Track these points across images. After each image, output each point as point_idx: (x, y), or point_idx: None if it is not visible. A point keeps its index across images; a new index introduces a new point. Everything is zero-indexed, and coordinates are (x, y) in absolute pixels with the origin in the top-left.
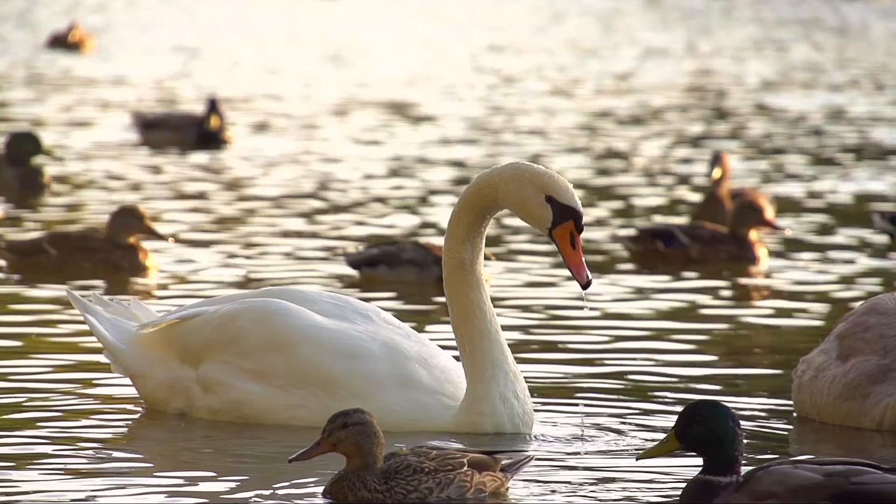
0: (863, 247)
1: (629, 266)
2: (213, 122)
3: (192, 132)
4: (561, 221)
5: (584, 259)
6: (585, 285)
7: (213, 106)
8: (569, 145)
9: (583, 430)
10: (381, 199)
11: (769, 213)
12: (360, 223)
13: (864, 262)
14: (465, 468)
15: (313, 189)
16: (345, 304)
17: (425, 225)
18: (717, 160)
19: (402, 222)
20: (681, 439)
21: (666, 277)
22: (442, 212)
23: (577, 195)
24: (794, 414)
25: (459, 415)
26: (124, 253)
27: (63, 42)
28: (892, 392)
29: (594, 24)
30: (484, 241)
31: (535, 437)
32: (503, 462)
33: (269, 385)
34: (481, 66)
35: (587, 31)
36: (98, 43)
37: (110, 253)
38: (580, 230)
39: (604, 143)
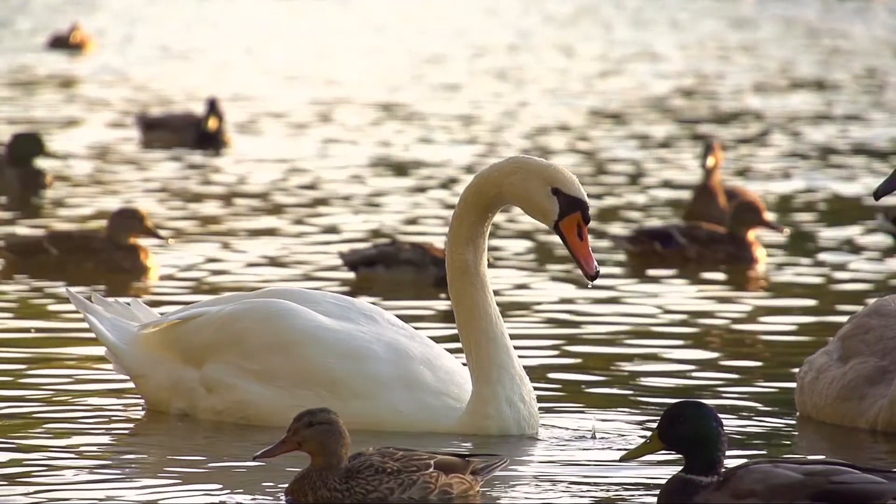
0: (864, 247)
1: (627, 267)
2: (212, 123)
3: (192, 133)
4: (568, 213)
5: (591, 250)
6: (594, 277)
7: (212, 107)
8: (561, 145)
9: (594, 433)
10: (378, 199)
11: (767, 213)
12: (358, 223)
13: (864, 262)
14: (431, 469)
15: (310, 189)
16: (348, 305)
17: (423, 225)
18: (709, 149)
19: (399, 222)
20: (664, 440)
21: (664, 278)
22: (439, 212)
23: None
24: (797, 414)
25: (465, 417)
26: (125, 253)
27: (64, 43)
28: (887, 394)
29: (587, 24)
30: (487, 241)
31: (535, 438)
32: (475, 465)
33: (273, 386)
34: (473, 66)
35: (580, 32)
36: (99, 44)
37: (111, 253)
38: (587, 221)
39: (595, 143)
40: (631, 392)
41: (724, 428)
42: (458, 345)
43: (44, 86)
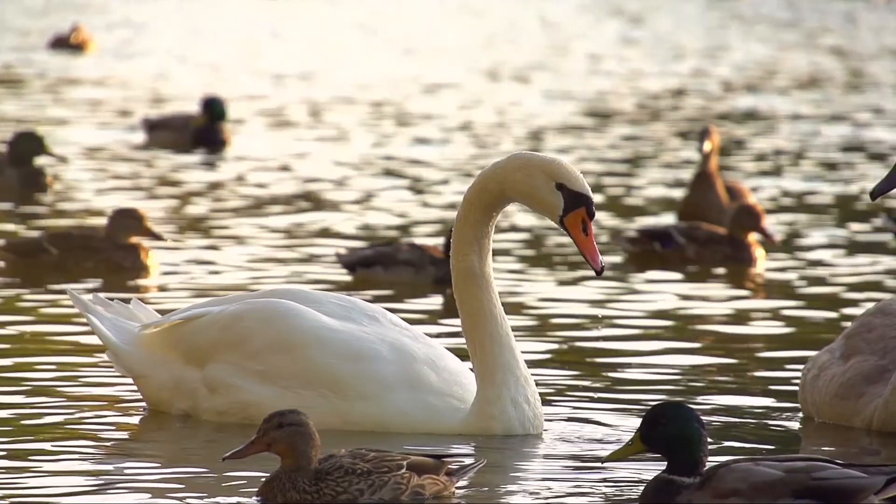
0: (863, 247)
1: (628, 267)
2: (196, 121)
3: (191, 132)
4: (573, 208)
5: (597, 245)
6: (600, 272)
7: (207, 106)
8: (555, 143)
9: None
10: (374, 200)
11: (765, 219)
12: (354, 223)
13: (864, 262)
14: (403, 470)
15: (309, 189)
16: (351, 306)
17: (419, 225)
18: (705, 134)
19: (396, 222)
20: (646, 441)
21: (663, 278)
22: (437, 212)
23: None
24: (801, 413)
25: (470, 417)
26: (126, 252)
27: (65, 43)
28: (883, 393)
29: (579, 22)
30: (491, 241)
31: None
32: (451, 466)
33: (276, 386)
34: (466, 66)
35: (572, 30)
36: (100, 44)
37: (112, 252)
38: (592, 216)
39: (589, 141)
40: (632, 392)
41: (706, 428)
42: (458, 343)
43: (44, 86)
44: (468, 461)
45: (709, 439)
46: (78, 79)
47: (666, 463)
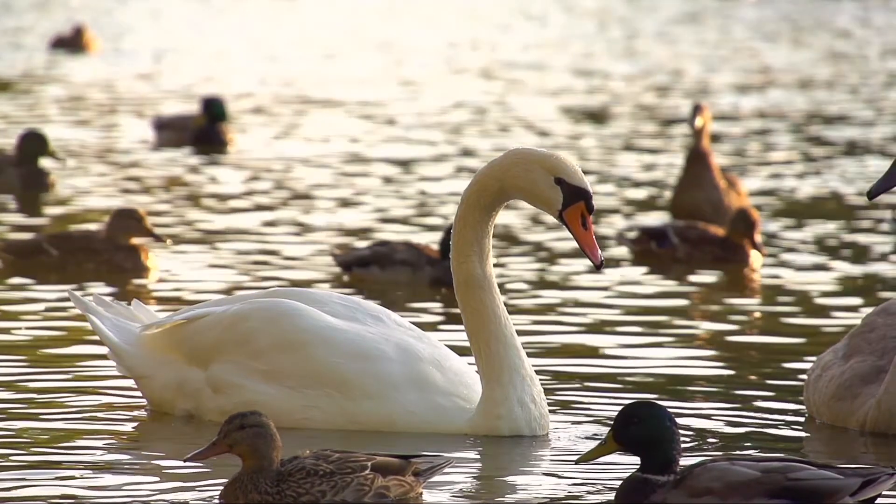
0: (865, 246)
1: (625, 266)
2: (196, 121)
3: (191, 133)
4: (572, 202)
5: (596, 239)
6: (599, 266)
7: (206, 106)
8: (552, 142)
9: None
10: (371, 199)
11: (759, 230)
12: (351, 223)
13: (866, 263)
14: (367, 471)
15: (305, 189)
16: (355, 306)
17: (416, 225)
18: (697, 110)
19: (393, 222)
20: (619, 441)
21: (657, 278)
22: (433, 211)
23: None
24: (805, 413)
25: (476, 417)
26: (126, 253)
27: (66, 43)
28: (877, 393)
29: (572, 22)
30: (491, 241)
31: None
32: (418, 466)
33: (281, 386)
34: (458, 65)
35: (564, 29)
36: (101, 45)
37: (112, 253)
38: (591, 210)
39: (583, 141)
40: (633, 391)
41: (678, 427)
42: (456, 342)
43: (46, 86)
44: (436, 461)
45: (705, 440)
46: (79, 79)
47: (639, 462)
